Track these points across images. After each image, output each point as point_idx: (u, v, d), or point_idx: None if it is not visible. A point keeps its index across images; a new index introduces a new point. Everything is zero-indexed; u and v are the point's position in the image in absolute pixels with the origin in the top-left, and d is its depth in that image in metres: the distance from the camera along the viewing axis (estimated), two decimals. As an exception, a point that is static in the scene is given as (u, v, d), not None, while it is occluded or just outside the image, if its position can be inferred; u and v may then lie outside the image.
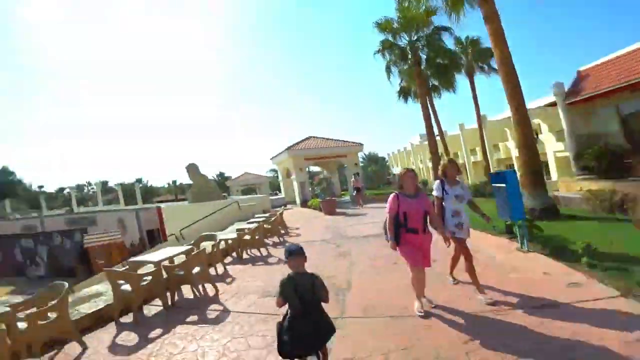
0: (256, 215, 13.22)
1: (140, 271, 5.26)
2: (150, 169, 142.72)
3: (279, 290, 2.61)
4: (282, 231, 11.05)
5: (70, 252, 19.48)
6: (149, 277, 4.97)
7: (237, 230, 8.95)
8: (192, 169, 22.32)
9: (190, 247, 6.48)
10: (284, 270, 2.84)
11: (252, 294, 5.36)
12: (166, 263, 5.50)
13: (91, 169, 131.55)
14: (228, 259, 8.03)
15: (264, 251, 8.35)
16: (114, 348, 3.98)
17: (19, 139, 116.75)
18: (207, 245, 7.07)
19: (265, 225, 9.63)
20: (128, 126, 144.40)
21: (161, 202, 46.19)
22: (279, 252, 8.11)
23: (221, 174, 59.92)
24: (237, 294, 5.47)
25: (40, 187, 59.44)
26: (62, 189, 58.81)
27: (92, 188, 70.34)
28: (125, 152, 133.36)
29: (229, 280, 6.35)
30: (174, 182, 59.55)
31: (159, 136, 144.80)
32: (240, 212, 15.80)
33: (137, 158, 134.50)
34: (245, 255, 8.09)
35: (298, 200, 23.11)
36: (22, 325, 3.57)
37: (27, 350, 3.50)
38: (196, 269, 5.47)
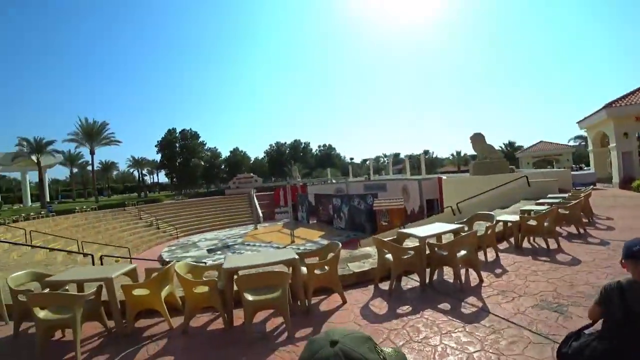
0: (549, 195, 10.18)
1: (404, 244, 5.12)
2: (437, 140, 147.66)
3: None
4: (585, 220, 7.86)
5: (363, 212, 22.94)
6: (412, 252, 4.61)
7: (521, 211, 7.18)
8: (476, 138, 20.40)
9: (460, 226, 5.51)
10: (578, 276, 1.86)
11: (525, 298, 3.88)
12: (432, 240, 5.03)
13: (391, 143, 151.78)
14: (503, 245, 6.46)
15: (552, 243, 6.03)
16: (364, 310, 4.00)
17: (336, 122, 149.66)
18: (480, 226, 5.94)
19: (560, 210, 7.06)
20: (415, 99, 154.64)
21: (443, 173, 47.25)
22: (575, 248, 5.78)
23: (510, 144, 53.24)
24: (505, 292, 4.11)
25: (351, 158, 75.26)
26: (365, 160, 71.15)
27: (386, 159, 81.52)
28: (416, 125, 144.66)
29: (498, 271, 4.95)
30: (458, 153, 58.80)
31: (445, 107, 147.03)
32: (528, 189, 12.78)
33: (426, 130, 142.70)
34: (525, 244, 6.22)
35: (616, 178, 16.78)
36: (303, 269, 4.20)
37: (305, 291, 4.09)
38: (462, 252, 4.54)
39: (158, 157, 58.33)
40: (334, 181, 39.04)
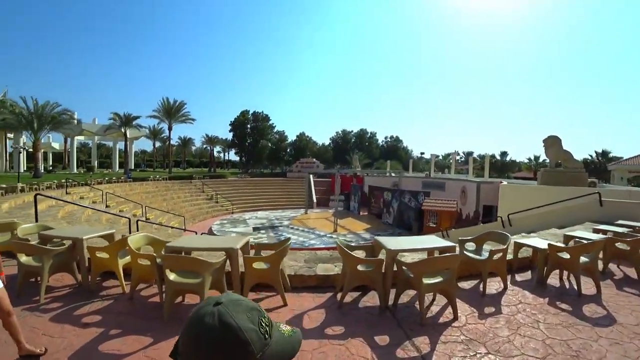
0: (619, 222, 7.93)
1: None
2: (519, 142, 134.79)
3: None
4: None
5: (412, 210, 21.63)
6: (371, 265, 4.14)
7: (565, 236, 5.97)
8: (550, 142, 17.42)
9: (449, 244, 4.53)
10: (596, 345, 2.69)
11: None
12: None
13: (468, 141, 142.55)
14: (525, 275, 5.20)
15: (590, 286, 4.64)
16: (295, 319, 3.67)
17: (411, 115, 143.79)
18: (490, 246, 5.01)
19: (618, 244, 5.25)
20: (499, 96, 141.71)
21: (517, 178, 42.68)
22: (620, 300, 4.24)
23: (604, 153, 46.00)
24: (471, 342, 3.05)
25: (422, 153, 71.67)
26: (437, 156, 67.31)
27: (451, 157, 76.46)
28: (497, 124, 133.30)
29: (489, 310, 3.79)
30: (536, 157, 52.65)
31: (532, 106, 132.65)
32: (600, 210, 10.32)
33: (508, 130, 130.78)
34: (554, 280, 4.82)
35: None
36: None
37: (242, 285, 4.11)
38: (437, 278, 3.71)
39: (231, 136, 61.73)
40: (393, 174, 37.61)
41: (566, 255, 4.56)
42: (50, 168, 53.41)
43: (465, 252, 4.84)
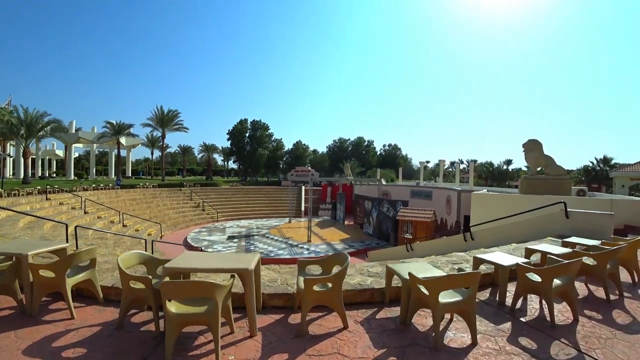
0: (568, 240, 6.75)
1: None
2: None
3: None
4: (629, 281, 5.16)
5: (390, 220, 21.04)
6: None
7: (527, 250, 5.38)
8: (530, 146, 16.13)
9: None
10: None
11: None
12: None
13: (474, 149, 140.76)
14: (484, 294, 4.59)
15: (566, 310, 4.02)
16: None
17: (413, 123, 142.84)
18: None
19: (585, 259, 4.59)
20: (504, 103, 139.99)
21: (516, 186, 41.51)
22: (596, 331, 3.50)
23: (605, 160, 44.25)
24: None
25: (427, 162, 69.78)
26: (426, 163, 65.85)
27: (463, 164, 75.10)
28: (504, 132, 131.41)
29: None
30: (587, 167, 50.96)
31: (539, 112, 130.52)
32: (566, 222, 8.97)
33: (514, 137, 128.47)
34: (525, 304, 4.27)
35: None
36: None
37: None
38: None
39: (229, 144, 62.03)
40: (384, 182, 37.08)
41: (536, 278, 3.79)
42: (54, 175, 54.44)
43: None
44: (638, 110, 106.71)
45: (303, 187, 40.76)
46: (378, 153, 68.49)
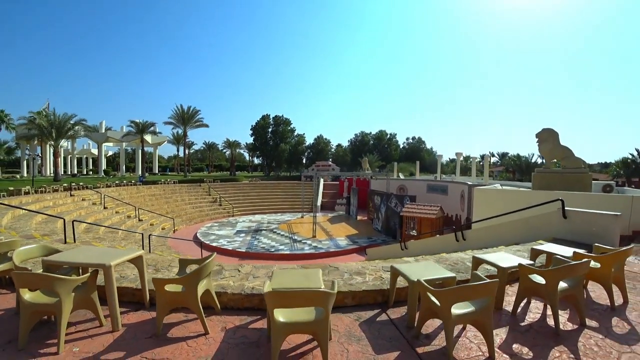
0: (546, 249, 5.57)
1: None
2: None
3: None
4: (607, 302, 4.03)
5: (397, 215, 20.47)
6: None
7: (475, 259, 4.39)
8: (544, 136, 14.75)
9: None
10: None
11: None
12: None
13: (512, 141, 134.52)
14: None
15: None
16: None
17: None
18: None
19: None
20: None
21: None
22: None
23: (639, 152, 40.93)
24: None
25: (457, 154, 67.60)
26: (467, 158, 63.30)
27: (494, 157, 72.02)
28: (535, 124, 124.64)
29: None
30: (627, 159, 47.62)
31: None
32: (564, 223, 7.38)
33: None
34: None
35: None
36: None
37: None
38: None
39: (252, 140, 62.99)
40: (401, 176, 36.23)
41: (540, 279, 3.51)
42: (90, 172, 57.79)
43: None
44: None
45: (321, 182, 40.66)
46: (401, 146, 67.17)
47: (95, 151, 56.82)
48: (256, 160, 74.83)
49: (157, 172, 52.91)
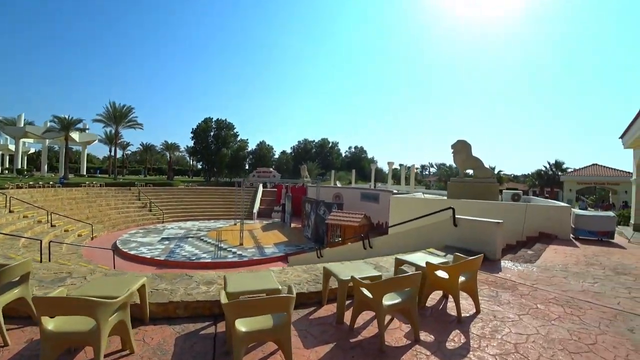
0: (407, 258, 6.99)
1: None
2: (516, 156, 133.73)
3: None
4: (454, 315, 4.19)
5: (324, 223, 21.06)
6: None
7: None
8: (458, 147, 15.70)
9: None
10: None
11: None
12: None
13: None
14: None
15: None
16: None
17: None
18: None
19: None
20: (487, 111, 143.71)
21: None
22: None
23: (557, 164, 45.47)
24: None
25: (401, 165, 70.04)
26: (408, 167, 66.22)
27: (432, 167, 76.37)
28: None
29: None
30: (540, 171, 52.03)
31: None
32: (454, 231, 7.90)
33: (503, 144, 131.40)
34: None
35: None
36: None
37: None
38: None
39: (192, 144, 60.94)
40: (338, 184, 37.24)
41: (444, 275, 4.09)
42: (6, 171, 51.90)
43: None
44: (589, 116, 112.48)
45: (260, 188, 40.51)
46: (343, 155, 69.04)
47: (13, 147, 51.40)
48: (200, 165, 72.60)
49: (85, 173, 49.08)
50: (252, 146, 63.95)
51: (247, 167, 62.31)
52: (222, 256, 17.68)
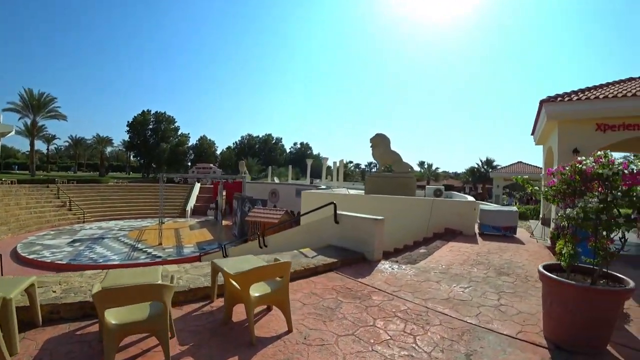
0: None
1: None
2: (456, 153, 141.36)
3: None
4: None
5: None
6: None
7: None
8: (376, 141, 15.59)
9: None
10: None
11: None
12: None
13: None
14: None
15: None
16: None
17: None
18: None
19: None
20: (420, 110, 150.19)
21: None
22: None
23: (488, 162, 48.49)
24: None
25: (351, 162, 70.73)
26: (349, 164, 67.22)
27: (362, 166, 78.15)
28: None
29: None
30: (429, 165, 54.75)
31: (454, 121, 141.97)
32: (337, 228, 7.41)
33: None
34: None
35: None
36: None
37: None
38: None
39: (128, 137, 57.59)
40: (276, 180, 37.07)
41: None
42: None
43: None
44: (518, 116, 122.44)
45: (197, 185, 39.25)
46: (288, 151, 68.82)
47: None
48: (139, 161, 68.65)
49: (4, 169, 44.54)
50: (193, 141, 61.60)
51: (188, 163, 59.87)
52: (134, 257, 16.88)
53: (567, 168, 3.39)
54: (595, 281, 3.23)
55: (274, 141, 65.96)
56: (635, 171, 2.96)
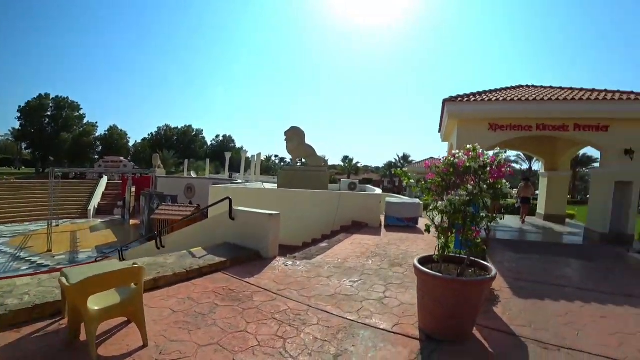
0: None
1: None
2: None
3: None
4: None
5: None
6: None
7: None
8: (290, 134, 15.35)
9: None
10: None
11: None
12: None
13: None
14: None
15: None
16: None
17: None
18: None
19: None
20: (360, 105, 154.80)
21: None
22: None
23: (404, 157, 52.07)
24: None
25: (276, 156, 68.74)
26: (269, 158, 66.17)
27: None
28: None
29: None
30: (350, 160, 56.98)
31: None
32: (231, 225, 7.00)
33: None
34: None
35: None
36: None
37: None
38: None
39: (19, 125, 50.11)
40: (193, 174, 35.26)
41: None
42: None
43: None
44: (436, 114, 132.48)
45: (102, 181, 35.68)
46: (209, 144, 65.79)
47: None
48: (34, 154, 59.69)
49: None
50: (101, 131, 55.41)
51: (96, 157, 53.99)
52: (14, 268, 14.68)
53: (441, 161, 3.57)
54: (464, 271, 3.38)
55: (194, 133, 61.81)
56: (500, 164, 3.23)
